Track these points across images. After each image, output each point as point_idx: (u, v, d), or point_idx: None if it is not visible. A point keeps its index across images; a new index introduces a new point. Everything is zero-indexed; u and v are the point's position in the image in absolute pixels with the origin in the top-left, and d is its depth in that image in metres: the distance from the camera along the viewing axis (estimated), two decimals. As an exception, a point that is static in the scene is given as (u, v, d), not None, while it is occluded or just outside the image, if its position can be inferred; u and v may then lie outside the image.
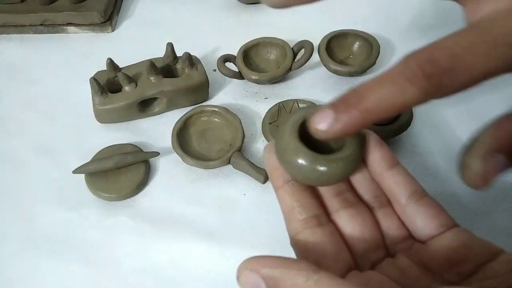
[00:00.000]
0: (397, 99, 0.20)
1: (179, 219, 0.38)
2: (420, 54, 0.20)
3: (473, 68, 0.20)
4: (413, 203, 0.25)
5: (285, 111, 0.43)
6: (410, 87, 0.20)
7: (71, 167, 0.39)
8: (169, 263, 0.36)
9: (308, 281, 0.19)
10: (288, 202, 0.25)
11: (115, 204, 0.39)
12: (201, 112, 0.43)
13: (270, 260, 0.20)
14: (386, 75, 0.21)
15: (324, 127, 0.21)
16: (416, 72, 0.20)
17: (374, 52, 0.45)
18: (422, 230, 0.24)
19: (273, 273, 0.20)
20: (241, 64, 0.45)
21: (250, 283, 0.20)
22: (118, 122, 0.44)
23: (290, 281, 0.19)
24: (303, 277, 0.19)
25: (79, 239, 0.37)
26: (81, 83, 0.45)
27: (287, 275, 0.19)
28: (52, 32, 0.53)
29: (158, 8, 0.55)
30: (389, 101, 0.20)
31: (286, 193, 0.25)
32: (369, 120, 0.21)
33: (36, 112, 0.46)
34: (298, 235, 0.24)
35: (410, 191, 0.25)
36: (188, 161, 0.39)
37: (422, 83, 0.20)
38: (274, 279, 0.20)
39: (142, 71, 0.43)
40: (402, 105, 0.20)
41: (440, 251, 0.23)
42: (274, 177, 0.26)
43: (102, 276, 0.35)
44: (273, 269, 0.20)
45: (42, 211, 0.39)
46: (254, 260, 0.21)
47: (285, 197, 0.25)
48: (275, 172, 0.26)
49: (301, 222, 0.24)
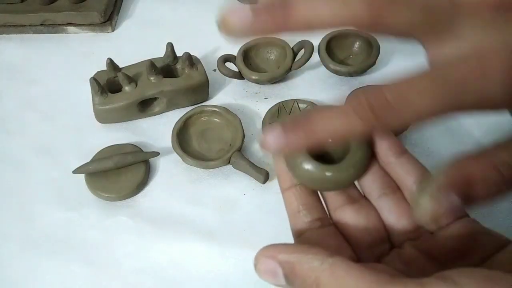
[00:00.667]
0: (341, 125, 0.22)
1: (179, 219, 0.38)
2: (371, 89, 0.22)
3: (416, 105, 0.21)
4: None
5: (285, 111, 0.43)
6: (353, 116, 0.21)
7: (71, 167, 0.39)
8: (169, 263, 0.36)
9: (323, 264, 0.20)
10: (294, 205, 0.26)
11: (115, 204, 0.39)
12: (201, 112, 0.43)
13: (286, 247, 0.21)
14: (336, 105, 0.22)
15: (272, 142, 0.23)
16: (362, 103, 0.21)
17: (374, 52, 0.45)
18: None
19: (289, 258, 0.21)
20: (241, 64, 0.45)
21: (267, 270, 0.21)
22: (118, 122, 0.44)
23: (306, 264, 0.20)
24: (318, 260, 0.20)
25: (79, 239, 0.37)
26: (81, 83, 0.45)
27: (303, 259, 0.20)
28: (52, 32, 0.53)
29: (158, 8, 0.55)
30: (333, 126, 0.22)
31: (293, 196, 0.26)
32: (313, 141, 0.22)
33: (36, 112, 0.46)
34: (302, 236, 0.25)
35: (418, 177, 0.25)
36: (188, 161, 0.39)
37: (365, 114, 0.21)
38: (291, 264, 0.21)
39: (142, 71, 0.43)
40: (346, 132, 0.22)
41: (448, 242, 0.23)
42: (282, 179, 0.27)
43: (102, 276, 0.35)
44: (289, 255, 0.21)
45: (42, 211, 0.39)
46: (270, 247, 0.22)
47: (292, 199, 0.26)
48: (283, 174, 0.27)
49: (306, 224, 0.25)
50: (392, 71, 0.46)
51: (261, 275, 0.22)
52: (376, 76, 0.46)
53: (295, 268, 0.21)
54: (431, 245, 0.24)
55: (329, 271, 0.20)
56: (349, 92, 0.43)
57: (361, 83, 0.45)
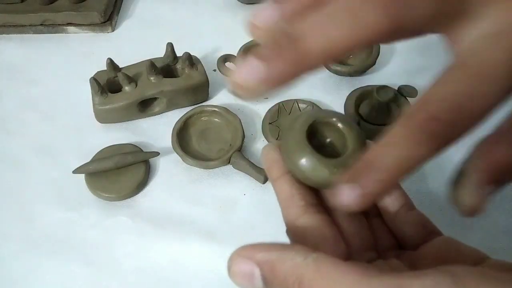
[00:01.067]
0: (409, 162, 0.20)
1: (179, 219, 0.38)
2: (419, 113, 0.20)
3: (473, 113, 0.20)
4: (403, 214, 0.26)
5: (285, 111, 0.43)
6: (419, 150, 0.20)
7: (71, 167, 0.39)
8: (169, 263, 0.36)
9: (306, 259, 0.19)
10: (287, 190, 0.25)
11: (115, 204, 0.39)
12: (201, 112, 0.43)
13: (265, 245, 0.20)
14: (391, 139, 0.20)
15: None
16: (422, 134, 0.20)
17: (374, 52, 0.45)
18: (411, 239, 0.25)
19: (269, 256, 0.19)
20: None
21: (243, 272, 0.20)
22: (118, 122, 0.44)
23: (288, 262, 0.19)
24: (301, 256, 0.19)
25: (79, 239, 0.37)
26: (81, 83, 0.45)
27: (285, 256, 0.19)
28: (52, 32, 0.53)
29: (158, 8, 0.55)
30: (402, 165, 0.20)
31: (286, 183, 0.25)
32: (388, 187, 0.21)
33: (36, 112, 0.46)
34: (297, 221, 0.24)
35: (401, 204, 0.26)
36: (188, 161, 0.39)
37: (429, 144, 0.20)
38: (271, 263, 0.19)
39: (142, 71, 0.43)
40: (416, 165, 0.20)
41: (430, 254, 0.23)
42: (272, 169, 0.26)
43: (102, 276, 0.35)
44: (268, 253, 0.19)
45: (42, 211, 0.39)
46: (247, 247, 0.20)
47: (284, 186, 0.25)
48: (273, 165, 0.26)
49: (302, 208, 0.24)
50: (392, 71, 0.46)
51: (235, 278, 0.20)
52: (376, 76, 0.46)
53: (275, 267, 0.19)
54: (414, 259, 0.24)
55: (313, 267, 0.18)
56: (349, 92, 0.43)
57: (361, 83, 0.45)
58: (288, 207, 0.24)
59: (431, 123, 0.19)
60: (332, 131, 0.27)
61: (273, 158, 0.26)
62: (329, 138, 0.27)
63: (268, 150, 0.26)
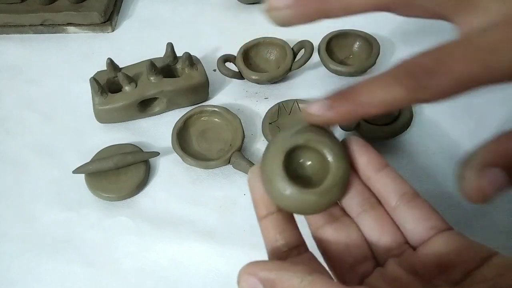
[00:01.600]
0: (385, 95, 0.22)
1: (179, 219, 0.38)
2: (410, 58, 0.22)
3: (453, 71, 0.20)
4: (403, 205, 0.25)
5: (285, 111, 0.43)
6: (396, 85, 0.21)
7: (71, 167, 0.39)
8: (169, 263, 0.36)
9: (303, 281, 0.20)
10: (271, 234, 0.25)
11: (115, 204, 0.39)
12: (201, 112, 0.43)
13: (267, 264, 0.21)
14: (379, 75, 0.22)
15: (318, 112, 0.23)
16: (402, 72, 0.21)
17: (374, 52, 0.45)
18: (413, 233, 0.24)
19: (269, 275, 0.21)
20: (241, 64, 0.45)
21: (249, 287, 0.21)
22: (118, 122, 0.44)
23: (286, 282, 0.20)
24: (298, 278, 0.20)
25: (79, 239, 0.37)
26: (81, 83, 0.45)
27: (283, 276, 0.20)
28: (52, 32, 0.53)
29: (158, 8, 0.55)
30: (378, 97, 0.22)
31: (270, 224, 0.26)
32: (360, 112, 0.22)
33: (36, 112, 0.46)
34: None
35: (400, 193, 0.25)
36: (188, 161, 0.39)
37: (406, 81, 0.21)
38: (271, 281, 0.21)
39: (142, 71, 0.43)
40: (390, 101, 0.22)
41: (430, 257, 0.23)
42: (258, 207, 0.26)
43: (102, 276, 0.35)
44: (270, 272, 0.21)
45: (42, 211, 0.39)
46: (252, 264, 0.22)
47: (269, 228, 0.26)
48: (260, 201, 0.26)
49: (284, 254, 0.25)
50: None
51: None
52: (376, 76, 0.46)
53: (276, 286, 0.21)
54: (414, 261, 0.24)
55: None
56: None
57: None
58: (271, 252, 0.25)
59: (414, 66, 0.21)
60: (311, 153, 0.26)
61: (260, 192, 0.26)
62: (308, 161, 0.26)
63: (255, 182, 0.26)
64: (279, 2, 0.24)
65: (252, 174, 0.26)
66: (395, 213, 0.25)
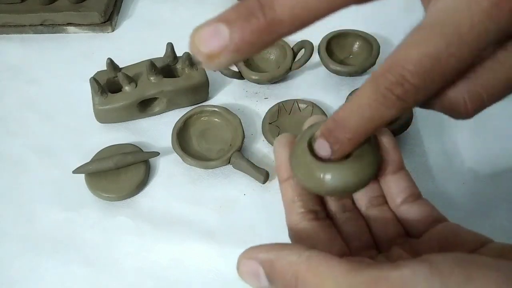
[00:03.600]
0: (376, 122, 0.21)
1: (179, 219, 0.38)
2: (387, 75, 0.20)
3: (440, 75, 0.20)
4: (408, 204, 0.26)
5: (285, 111, 0.43)
6: (386, 110, 0.21)
7: (71, 167, 0.39)
8: (169, 263, 0.36)
9: (300, 257, 0.20)
10: (290, 195, 0.26)
11: (115, 204, 0.39)
12: (201, 112, 0.43)
13: (266, 246, 0.22)
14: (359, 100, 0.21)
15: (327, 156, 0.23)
16: (389, 97, 0.20)
17: (374, 52, 0.45)
18: (415, 227, 0.25)
19: (268, 256, 0.21)
20: (241, 64, 0.45)
21: (250, 271, 0.22)
22: (118, 122, 0.44)
23: (284, 260, 0.21)
24: (295, 254, 0.20)
25: (79, 239, 0.37)
26: (81, 83, 0.45)
27: (281, 254, 0.21)
28: (52, 32, 0.53)
29: (158, 8, 0.55)
30: (369, 125, 0.22)
31: (289, 187, 0.26)
32: (357, 143, 0.23)
33: (36, 112, 0.46)
34: (296, 226, 0.25)
35: (408, 194, 0.26)
36: (188, 161, 0.39)
37: (397, 104, 0.20)
38: (270, 262, 0.21)
39: (142, 71, 0.43)
40: (381, 125, 0.22)
41: (432, 239, 0.24)
42: (280, 170, 0.27)
43: (102, 276, 0.35)
44: (268, 253, 0.21)
45: (42, 211, 0.39)
46: (251, 249, 0.22)
47: (288, 190, 0.26)
48: (282, 165, 0.27)
49: (300, 215, 0.25)
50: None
51: (244, 277, 0.22)
52: (376, 76, 0.46)
53: (274, 265, 0.21)
54: (417, 246, 0.24)
55: (306, 264, 0.20)
56: (349, 92, 0.43)
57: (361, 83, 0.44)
58: (289, 212, 0.26)
59: (398, 87, 0.20)
60: None
61: (283, 158, 0.26)
62: None
63: (280, 147, 0.27)
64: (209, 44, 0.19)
65: (277, 141, 0.27)
66: (399, 210, 0.26)
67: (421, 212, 0.25)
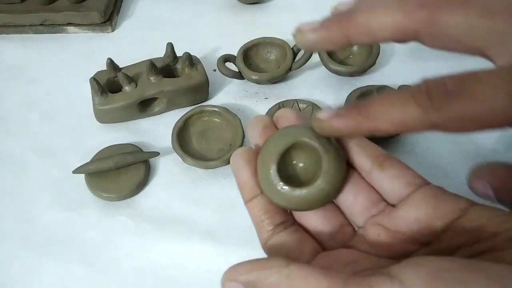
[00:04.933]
0: (397, 112, 0.21)
1: (179, 219, 0.38)
2: (432, 77, 0.21)
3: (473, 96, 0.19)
4: (377, 167, 0.25)
5: (285, 111, 0.43)
6: (411, 102, 0.20)
7: (71, 167, 0.39)
8: (169, 263, 0.36)
9: (281, 277, 0.20)
10: (257, 215, 0.26)
11: (115, 204, 0.39)
12: (201, 112, 0.43)
13: (245, 266, 0.21)
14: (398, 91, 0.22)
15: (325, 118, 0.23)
16: (421, 90, 0.20)
17: (374, 52, 0.45)
18: (391, 193, 0.25)
19: (249, 278, 0.21)
20: (241, 64, 0.45)
21: None
22: (118, 122, 0.44)
23: (265, 281, 0.21)
24: (275, 273, 0.20)
25: (79, 239, 0.37)
26: (81, 83, 0.45)
27: (262, 276, 0.21)
28: (52, 32, 0.53)
29: (158, 8, 0.55)
30: (390, 113, 0.21)
31: (255, 207, 0.26)
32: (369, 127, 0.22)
33: (36, 112, 0.46)
34: (268, 243, 0.26)
35: (373, 157, 0.26)
36: (188, 161, 0.39)
37: (420, 99, 0.20)
38: (252, 283, 0.21)
39: (142, 71, 0.43)
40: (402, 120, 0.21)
41: (409, 213, 0.24)
42: (244, 191, 0.27)
43: (102, 276, 0.35)
44: (249, 274, 0.21)
45: (42, 211, 0.39)
46: (232, 269, 0.22)
47: (254, 210, 0.26)
48: (245, 186, 0.26)
49: (270, 232, 0.26)
50: (392, 71, 0.46)
51: None
52: (376, 76, 0.46)
53: (257, 286, 0.21)
54: (394, 218, 0.24)
55: (286, 283, 0.20)
56: (349, 92, 0.43)
57: (361, 83, 0.45)
58: (259, 231, 0.26)
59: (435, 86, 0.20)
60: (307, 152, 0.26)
61: (244, 178, 0.26)
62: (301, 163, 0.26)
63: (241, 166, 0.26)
64: (305, 26, 0.25)
65: (234, 159, 0.27)
66: (371, 177, 0.26)
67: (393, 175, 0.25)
